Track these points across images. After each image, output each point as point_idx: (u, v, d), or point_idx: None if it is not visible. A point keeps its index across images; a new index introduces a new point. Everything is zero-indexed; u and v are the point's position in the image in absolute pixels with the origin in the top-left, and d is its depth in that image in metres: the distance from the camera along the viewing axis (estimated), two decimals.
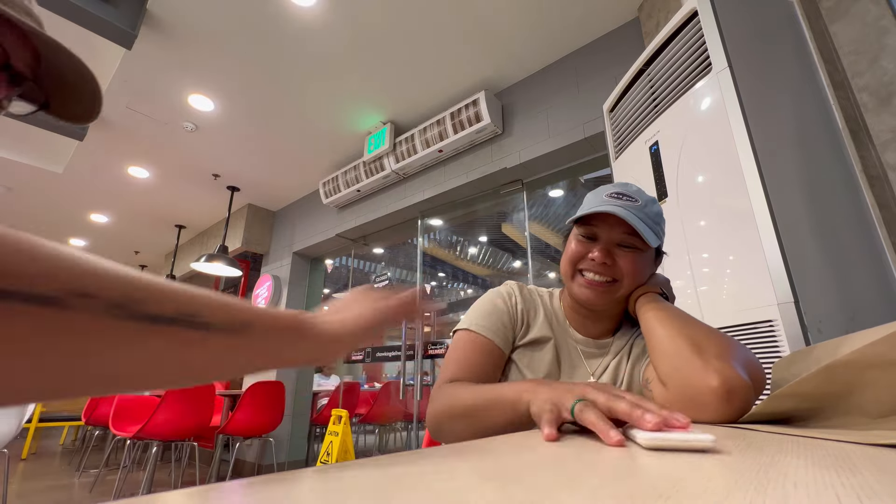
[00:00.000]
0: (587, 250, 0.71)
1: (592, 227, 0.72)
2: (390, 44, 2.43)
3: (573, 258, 0.73)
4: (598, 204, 0.70)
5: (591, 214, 0.71)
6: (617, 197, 0.70)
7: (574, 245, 0.73)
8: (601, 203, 0.70)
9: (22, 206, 4.46)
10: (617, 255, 0.70)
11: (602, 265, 0.69)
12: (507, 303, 0.79)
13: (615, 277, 0.70)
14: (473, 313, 0.78)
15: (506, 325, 0.77)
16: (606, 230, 0.71)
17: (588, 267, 0.71)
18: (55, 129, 2.94)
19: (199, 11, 2.22)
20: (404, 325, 3.27)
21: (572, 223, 0.75)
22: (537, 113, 2.57)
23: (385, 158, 3.18)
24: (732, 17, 1.25)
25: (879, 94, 1.21)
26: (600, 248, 0.70)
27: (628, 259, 0.70)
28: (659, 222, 0.73)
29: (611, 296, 0.71)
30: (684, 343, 0.58)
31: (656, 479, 0.23)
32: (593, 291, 0.70)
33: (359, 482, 0.24)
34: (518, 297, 0.81)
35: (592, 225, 0.72)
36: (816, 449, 0.30)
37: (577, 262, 0.73)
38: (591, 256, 0.70)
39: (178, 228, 5.07)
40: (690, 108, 1.30)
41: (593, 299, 0.71)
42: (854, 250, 1.17)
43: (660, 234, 0.73)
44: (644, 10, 2.08)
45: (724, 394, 0.50)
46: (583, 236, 0.73)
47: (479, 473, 0.25)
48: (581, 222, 0.73)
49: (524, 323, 0.78)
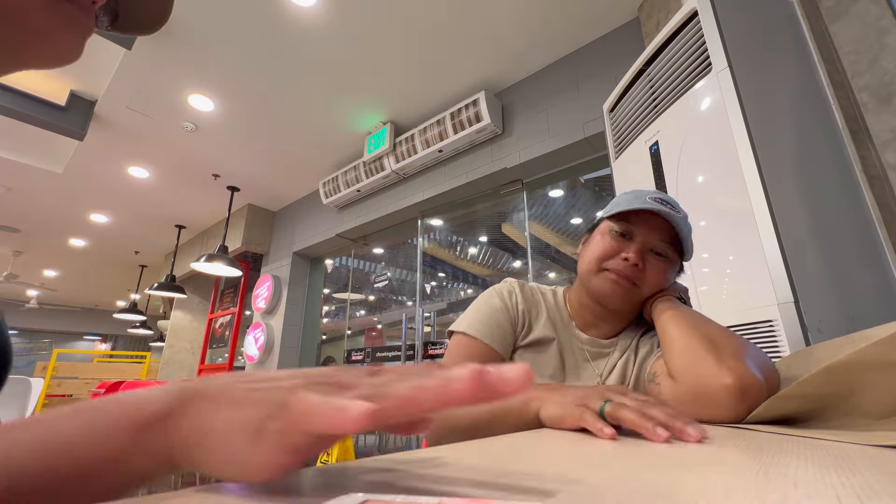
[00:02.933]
0: (621, 248, 0.68)
1: (630, 224, 0.69)
2: (390, 44, 2.43)
3: (603, 254, 0.69)
4: (642, 204, 0.66)
5: (630, 212, 0.67)
6: (660, 202, 0.67)
7: (608, 240, 0.69)
8: (645, 203, 0.66)
9: (22, 206, 4.46)
10: (647, 261, 0.68)
11: (633, 267, 0.66)
12: (506, 302, 0.76)
13: (638, 282, 0.68)
14: (471, 314, 0.75)
15: (504, 327, 0.73)
16: (645, 232, 0.68)
17: (617, 266, 0.67)
18: (55, 129, 2.94)
19: (200, 12, 2.21)
20: (404, 324, 3.27)
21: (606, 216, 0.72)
22: (537, 113, 2.57)
23: (385, 158, 3.18)
24: (732, 17, 1.25)
25: (879, 94, 1.21)
26: (636, 248, 0.67)
27: (659, 268, 0.68)
28: (691, 238, 0.71)
29: (630, 297, 0.69)
30: (699, 340, 0.57)
31: (656, 479, 0.23)
32: (619, 287, 0.67)
33: (358, 483, 0.24)
34: (519, 296, 0.77)
35: (631, 222, 0.69)
36: (816, 449, 0.30)
37: (606, 259, 0.69)
38: (625, 256, 0.67)
39: (178, 228, 5.07)
40: (690, 108, 1.30)
41: (617, 296, 0.68)
42: (854, 250, 1.17)
43: (690, 251, 0.71)
44: (644, 11, 2.08)
45: (738, 392, 0.49)
46: (617, 232, 0.69)
47: (480, 473, 0.25)
48: (618, 218, 0.69)
49: (525, 323, 0.75)
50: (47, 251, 6.05)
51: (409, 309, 3.89)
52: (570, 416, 0.44)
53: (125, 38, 2.17)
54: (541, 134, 2.51)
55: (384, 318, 4.06)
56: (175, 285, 4.67)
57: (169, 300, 6.56)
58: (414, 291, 3.37)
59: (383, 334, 4.01)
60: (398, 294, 4.15)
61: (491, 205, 3.17)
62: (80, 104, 2.98)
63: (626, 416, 0.40)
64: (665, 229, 0.68)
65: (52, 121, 2.88)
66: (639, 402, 0.42)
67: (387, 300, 4.23)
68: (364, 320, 4.31)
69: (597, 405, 0.43)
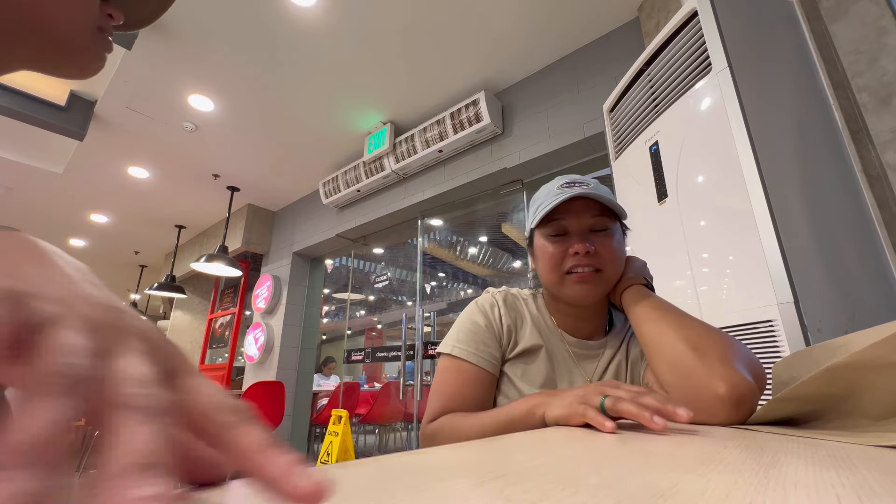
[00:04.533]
0: (565, 248, 0.68)
1: (559, 220, 0.69)
2: (390, 44, 2.43)
3: (555, 261, 0.69)
4: (554, 199, 0.67)
5: (553, 210, 0.68)
6: (569, 186, 0.68)
7: (550, 248, 0.69)
8: (557, 195, 0.67)
9: (22, 206, 4.46)
10: (594, 242, 0.68)
11: (587, 255, 0.66)
12: (489, 317, 0.74)
13: (599, 267, 0.68)
14: (456, 334, 0.73)
15: (490, 344, 0.72)
16: (575, 219, 0.69)
17: (575, 263, 0.67)
18: (55, 130, 2.94)
19: (200, 12, 2.22)
20: (404, 324, 3.27)
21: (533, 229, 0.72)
22: (537, 113, 2.57)
23: (385, 158, 3.18)
24: (732, 18, 1.25)
25: (879, 94, 1.21)
26: (578, 238, 0.68)
27: (607, 243, 0.68)
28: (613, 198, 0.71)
29: (601, 286, 0.69)
30: (684, 347, 0.56)
31: (656, 479, 0.23)
32: (587, 284, 0.67)
33: (359, 482, 0.24)
34: (502, 309, 0.75)
35: (558, 219, 0.69)
36: (816, 449, 0.30)
37: (561, 264, 0.68)
38: (574, 250, 0.67)
39: (178, 228, 5.07)
40: (690, 108, 1.30)
41: (589, 293, 0.68)
42: (854, 250, 1.17)
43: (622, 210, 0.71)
44: (644, 11, 2.08)
45: (733, 400, 0.49)
46: (552, 235, 0.70)
47: (480, 473, 0.25)
48: (545, 222, 0.70)
49: (511, 337, 0.74)
50: None
51: (409, 309, 3.89)
52: (574, 414, 0.47)
53: (125, 37, 2.17)
54: (541, 134, 2.51)
55: (384, 318, 4.06)
56: (175, 285, 4.67)
57: (169, 300, 6.57)
58: (414, 291, 3.38)
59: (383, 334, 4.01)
60: (398, 294, 4.15)
61: (491, 205, 3.17)
62: (80, 104, 2.98)
63: (625, 408, 0.43)
64: (590, 206, 0.68)
65: (52, 121, 2.88)
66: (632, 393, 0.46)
67: (387, 300, 4.23)
68: (364, 320, 4.31)
69: (596, 401, 0.46)
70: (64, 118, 2.92)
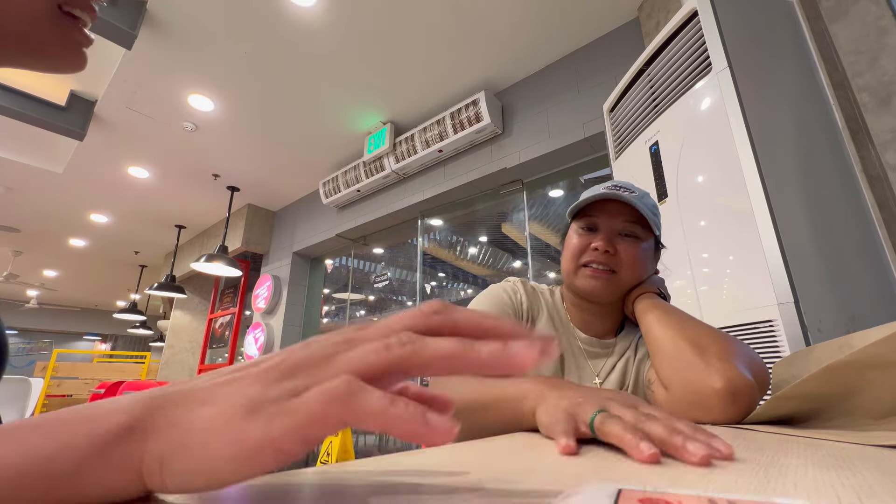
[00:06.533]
0: (589, 241, 0.70)
1: (593, 217, 0.72)
2: (390, 43, 2.43)
3: (576, 251, 0.72)
4: (597, 195, 0.70)
5: (590, 205, 0.71)
6: (614, 188, 0.71)
7: (575, 239, 0.72)
8: (599, 193, 0.70)
9: (22, 206, 4.46)
10: (618, 245, 0.70)
11: (605, 254, 0.69)
12: (511, 298, 0.76)
13: (615, 269, 0.69)
14: (477, 307, 0.74)
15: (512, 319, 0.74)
16: (607, 219, 0.71)
17: (592, 258, 0.70)
18: (55, 129, 2.94)
19: (200, 12, 2.22)
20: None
21: (570, 218, 0.75)
22: (537, 113, 2.57)
23: (385, 158, 3.18)
24: (732, 17, 1.25)
25: (879, 94, 1.21)
26: (602, 236, 0.70)
27: (630, 249, 0.70)
28: (656, 213, 0.73)
29: (613, 286, 0.70)
30: (685, 345, 0.57)
31: (656, 480, 0.23)
32: (598, 281, 0.69)
33: (359, 482, 0.24)
34: (523, 295, 0.78)
35: (592, 216, 0.72)
36: (816, 449, 0.30)
37: (580, 255, 0.71)
38: (594, 246, 0.69)
39: (178, 228, 5.07)
40: (690, 109, 1.30)
41: (599, 289, 0.69)
42: (854, 250, 1.17)
43: (658, 225, 0.73)
44: (644, 10, 2.08)
45: (728, 395, 0.50)
46: (583, 228, 0.72)
47: (480, 475, 0.25)
48: (580, 215, 0.73)
49: (529, 321, 0.76)
50: (47, 251, 6.05)
51: (409, 309, 3.87)
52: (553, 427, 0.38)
53: (125, 37, 2.17)
54: (541, 134, 2.51)
55: (384, 319, 4.07)
56: (175, 285, 4.67)
57: (169, 300, 6.56)
58: (414, 291, 3.37)
59: None
60: (398, 294, 4.15)
61: (491, 205, 3.16)
62: (80, 104, 2.97)
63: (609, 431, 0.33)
64: (626, 211, 0.70)
65: (52, 121, 2.88)
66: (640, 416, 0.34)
67: (387, 300, 4.23)
68: (364, 320, 4.31)
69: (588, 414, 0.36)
70: (64, 118, 2.92)
